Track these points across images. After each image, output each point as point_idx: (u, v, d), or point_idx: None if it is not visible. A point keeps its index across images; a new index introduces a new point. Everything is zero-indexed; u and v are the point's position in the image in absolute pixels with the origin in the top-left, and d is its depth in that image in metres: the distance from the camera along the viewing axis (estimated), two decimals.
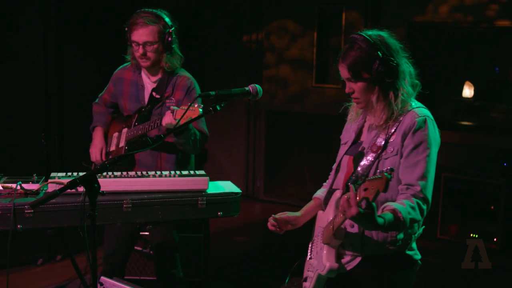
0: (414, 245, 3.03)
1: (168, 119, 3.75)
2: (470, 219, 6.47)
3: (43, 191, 3.64)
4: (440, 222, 6.63)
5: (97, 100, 4.46)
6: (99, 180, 2.79)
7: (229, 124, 8.79)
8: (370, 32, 2.95)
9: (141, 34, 4.00)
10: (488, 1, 6.74)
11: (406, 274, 3.04)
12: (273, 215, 3.16)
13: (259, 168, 8.74)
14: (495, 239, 6.28)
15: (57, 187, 3.36)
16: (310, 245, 3.23)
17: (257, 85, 3.15)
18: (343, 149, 3.13)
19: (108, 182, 3.60)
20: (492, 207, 6.34)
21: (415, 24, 7.22)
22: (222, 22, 8.70)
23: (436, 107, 7.37)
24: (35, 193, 3.61)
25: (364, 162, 2.92)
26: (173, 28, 4.12)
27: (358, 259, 2.96)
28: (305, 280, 3.15)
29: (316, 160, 8.21)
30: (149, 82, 4.20)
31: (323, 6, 7.99)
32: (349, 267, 2.98)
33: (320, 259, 3.00)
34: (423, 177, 2.82)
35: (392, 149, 2.88)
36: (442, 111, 7.33)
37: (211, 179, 3.81)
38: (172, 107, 3.77)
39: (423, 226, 3.03)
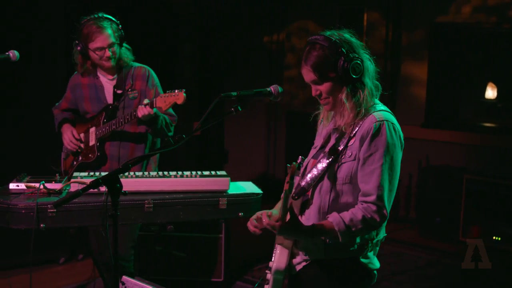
0: (371, 253, 2.93)
1: (144, 111, 3.88)
2: (492, 221, 6.41)
3: (66, 191, 3.66)
4: (462, 224, 6.57)
5: (56, 105, 4.54)
6: (121, 180, 2.81)
7: (250, 125, 8.79)
8: (329, 32, 2.89)
9: (104, 39, 4.11)
10: None
11: (357, 285, 2.96)
12: (253, 219, 2.99)
13: (280, 168, 8.73)
14: None
15: (80, 186, 3.38)
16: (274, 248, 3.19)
17: (278, 86, 3.14)
18: (311, 152, 3.08)
19: (130, 182, 3.62)
20: None
21: (437, 25, 7.17)
22: (243, 23, 8.71)
23: (458, 109, 7.33)
24: (58, 192, 3.63)
25: (322, 164, 2.87)
26: (120, 25, 4.23)
27: (305, 262, 2.93)
28: (267, 282, 3.09)
29: None
30: (107, 81, 4.31)
31: (344, 7, 7.96)
32: (298, 268, 2.96)
33: (273, 259, 2.98)
34: (379, 186, 2.73)
35: (350, 153, 2.82)
36: (464, 112, 7.29)
37: (232, 180, 3.81)
38: (145, 101, 3.92)
39: (385, 234, 2.95)
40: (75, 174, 3.83)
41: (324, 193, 2.85)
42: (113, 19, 4.20)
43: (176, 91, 3.84)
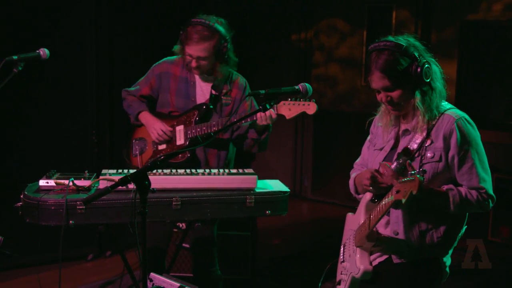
0: (451, 251, 3.04)
1: (266, 115, 3.80)
2: None
3: (95, 188, 3.69)
4: (491, 224, 6.52)
5: (129, 90, 4.34)
6: (149, 177, 2.82)
7: (277, 123, 8.72)
8: (392, 37, 2.91)
9: (196, 50, 3.99)
10: None
11: (433, 285, 3.03)
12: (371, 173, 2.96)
13: (307, 167, 8.72)
14: None
15: (108, 184, 3.40)
16: (341, 248, 3.21)
17: (307, 84, 3.14)
18: (379, 155, 3.08)
19: (158, 180, 3.63)
20: None
21: (468, 23, 7.10)
22: (271, 21, 8.70)
23: (489, 108, 7.25)
24: (87, 189, 3.66)
25: (396, 165, 2.89)
26: (228, 38, 4.10)
27: (385, 256, 2.97)
28: (339, 283, 3.14)
29: None
30: (201, 79, 4.19)
31: (373, 5, 7.92)
32: (375, 262, 2.99)
33: (353, 262, 2.99)
34: (482, 179, 2.87)
35: (432, 154, 2.86)
36: (495, 111, 7.21)
37: (259, 178, 3.81)
38: (271, 110, 3.79)
39: (466, 226, 3.04)
40: (103, 171, 3.85)
41: None
42: (223, 30, 4.07)
43: (305, 101, 3.73)
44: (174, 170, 3.79)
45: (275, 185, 3.88)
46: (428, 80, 2.85)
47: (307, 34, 8.48)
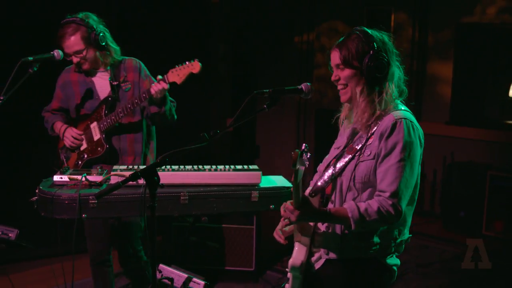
0: (393, 255, 2.86)
1: (158, 87, 3.87)
2: None
3: (106, 183, 3.70)
4: (485, 218, 6.52)
5: (45, 108, 4.43)
6: (158, 173, 2.84)
7: (281, 122, 8.79)
8: (371, 30, 2.86)
9: (68, 47, 4.02)
10: None
11: (378, 284, 2.88)
12: (279, 229, 3.05)
13: (309, 163, 8.72)
14: None
15: (119, 179, 3.41)
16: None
17: (309, 84, 3.14)
18: (334, 152, 3.04)
19: (166, 175, 3.64)
20: None
21: (463, 25, 7.10)
22: (274, 24, 8.70)
23: (483, 107, 7.25)
24: (99, 184, 3.67)
25: (341, 163, 2.86)
26: (98, 27, 4.08)
27: (323, 259, 2.89)
28: (287, 281, 3.07)
29: None
30: (98, 75, 4.23)
31: (372, 8, 7.92)
32: (317, 266, 2.93)
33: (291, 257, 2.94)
34: (393, 183, 2.66)
35: (369, 152, 2.76)
36: (489, 110, 7.21)
37: (263, 174, 3.82)
38: (158, 76, 3.90)
39: (410, 235, 2.90)
40: (114, 167, 3.86)
41: (343, 191, 2.82)
42: (90, 21, 4.05)
43: (189, 62, 3.83)
44: (182, 166, 3.80)
45: (279, 181, 3.89)
46: (378, 76, 2.76)
47: (309, 36, 8.48)
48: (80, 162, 4.23)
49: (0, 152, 5.56)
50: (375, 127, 2.77)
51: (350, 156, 2.82)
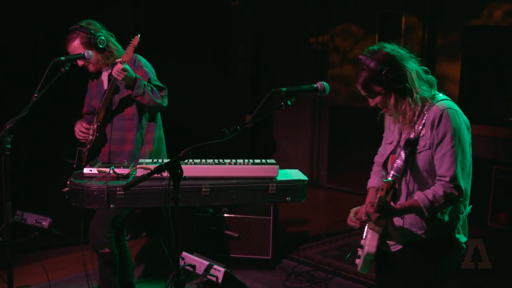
0: (460, 227, 3.00)
1: (116, 68, 3.87)
2: None
3: (132, 175, 3.71)
4: (490, 211, 6.48)
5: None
6: (182, 166, 2.84)
7: (297, 119, 8.77)
8: (371, 48, 2.96)
9: (71, 51, 4.08)
10: None
11: (448, 259, 3.01)
12: (353, 213, 3.12)
13: (323, 158, 8.71)
14: None
15: (145, 172, 3.42)
16: (366, 227, 3.22)
17: (324, 83, 3.12)
18: (388, 148, 3.13)
19: (189, 168, 3.64)
20: None
21: (471, 28, 7.04)
22: (291, 26, 8.69)
23: (490, 105, 7.19)
24: (125, 177, 3.68)
25: (401, 157, 2.93)
26: (98, 32, 4.12)
27: (400, 246, 3.00)
28: (358, 257, 3.17)
29: (375, 152, 8.11)
30: (105, 74, 4.26)
31: (384, 11, 7.88)
32: (394, 249, 3.02)
33: (365, 242, 3.03)
34: (450, 167, 2.81)
35: (424, 143, 2.88)
36: (495, 108, 7.15)
37: (280, 168, 3.81)
38: (116, 60, 3.94)
39: (471, 205, 3.01)
40: (140, 160, 3.88)
41: (409, 182, 2.93)
42: (86, 27, 4.10)
43: (131, 41, 3.84)
44: (203, 160, 3.80)
45: (295, 174, 3.88)
46: (403, 84, 2.87)
47: (324, 37, 8.46)
48: (86, 154, 4.27)
49: (34, 145, 5.60)
50: (424, 119, 2.89)
51: (408, 149, 2.92)
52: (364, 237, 3.17)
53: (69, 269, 5.22)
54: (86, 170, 3.73)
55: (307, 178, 3.81)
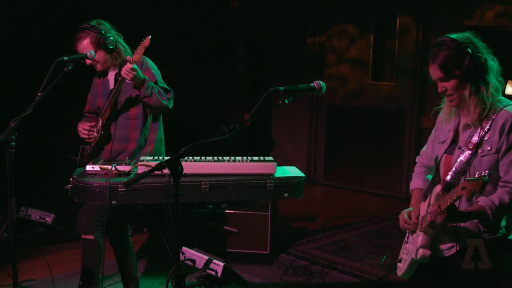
0: None
1: (125, 67, 3.85)
2: None
3: (134, 172, 3.71)
4: None
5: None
6: (182, 163, 2.83)
7: (294, 117, 8.77)
8: (455, 35, 2.83)
9: (81, 50, 4.06)
10: None
11: (505, 259, 2.91)
12: (406, 215, 3.05)
13: (320, 155, 8.70)
14: None
15: (146, 169, 3.41)
16: (407, 233, 3.13)
17: (321, 82, 3.12)
18: (441, 148, 2.99)
19: (189, 166, 3.65)
20: None
21: (464, 28, 7.02)
22: (289, 26, 8.68)
23: None
24: (127, 173, 3.68)
25: (461, 158, 2.81)
26: (108, 32, 4.11)
27: (455, 248, 2.88)
28: (400, 261, 3.09)
29: (371, 149, 8.13)
30: (111, 74, 4.25)
31: (379, 12, 7.87)
32: (447, 253, 2.92)
33: (415, 244, 2.93)
34: None
35: (489, 147, 2.76)
36: None
37: (278, 165, 3.81)
38: (127, 58, 3.91)
39: None
40: (141, 158, 3.87)
41: None
42: (96, 27, 4.09)
43: (142, 41, 3.86)
44: (203, 157, 3.80)
45: (292, 171, 3.88)
46: (481, 75, 2.76)
47: (320, 38, 8.45)
48: (88, 151, 4.26)
49: (38, 143, 5.59)
50: (490, 122, 2.78)
51: (470, 151, 2.80)
52: (406, 240, 3.09)
53: (72, 264, 5.21)
54: (88, 168, 3.73)
55: (304, 175, 3.81)
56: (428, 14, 7.40)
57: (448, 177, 2.84)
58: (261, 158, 3.84)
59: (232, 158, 3.82)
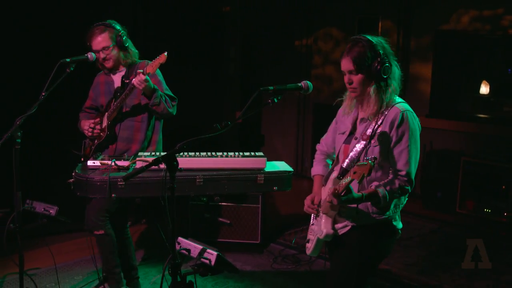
0: (398, 216, 3.07)
1: (138, 78, 3.79)
2: (484, 196, 6.34)
3: (132, 167, 3.71)
4: (459, 198, 6.51)
5: (82, 108, 4.45)
6: (177, 158, 2.83)
7: (283, 115, 8.77)
8: (370, 36, 2.96)
9: (97, 43, 4.02)
10: (503, 13, 6.55)
11: (388, 242, 3.08)
12: (309, 203, 3.14)
13: (307, 150, 8.71)
14: (505, 214, 6.16)
15: (144, 164, 3.41)
16: (312, 215, 3.24)
17: (308, 82, 3.12)
18: (341, 138, 3.13)
19: (184, 161, 3.65)
20: (503, 187, 6.20)
21: (441, 32, 7.06)
22: (278, 30, 8.67)
23: (458, 102, 7.23)
24: (126, 168, 3.68)
25: (356, 148, 2.94)
26: (122, 31, 4.09)
27: (349, 227, 3.01)
28: (308, 241, 3.21)
29: None
30: (117, 75, 4.22)
31: (362, 16, 7.87)
32: (341, 232, 3.03)
33: (319, 225, 3.04)
34: (406, 163, 2.88)
35: (381, 139, 2.90)
36: (462, 105, 7.19)
37: (268, 160, 3.82)
38: (138, 70, 3.83)
39: (407, 199, 3.07)
40: (139, 153, 3.87)
41: None
42: (117, 25, 4.08)
43: (159, 56, 3.75)
44: (197, 153, 3.80)
45: (281, 166, 3.89)
46: (385, 77, 2.90)
47: (307, 40, 8.45)
48: (93, 147, 4.23)
49: (42, 140, 5.57)
50: (383, 117, 2.91)
51: (365, 142, 2.92)
52: (312, 222, 3.20)
53: (74, 253, 5.21)
54: (89, 163, 3.72)
55: (292, 169, 3.83)
56: (407, 18, 7.41)
57: (344, 164, 2.96)
58: (252, 153, 3.85)
59: (225, 153, 3.82)
